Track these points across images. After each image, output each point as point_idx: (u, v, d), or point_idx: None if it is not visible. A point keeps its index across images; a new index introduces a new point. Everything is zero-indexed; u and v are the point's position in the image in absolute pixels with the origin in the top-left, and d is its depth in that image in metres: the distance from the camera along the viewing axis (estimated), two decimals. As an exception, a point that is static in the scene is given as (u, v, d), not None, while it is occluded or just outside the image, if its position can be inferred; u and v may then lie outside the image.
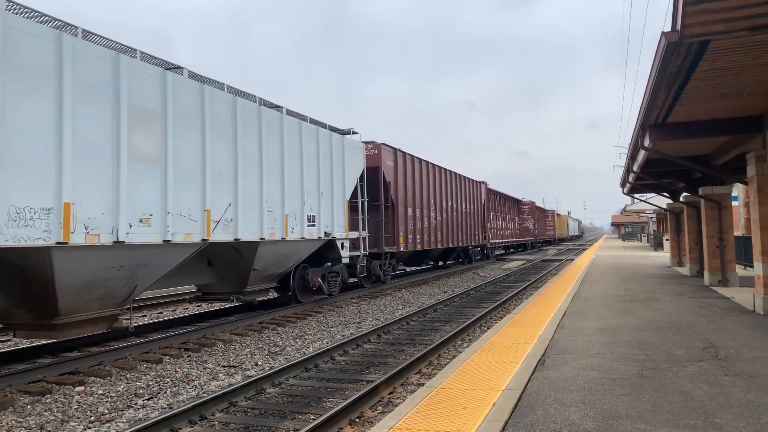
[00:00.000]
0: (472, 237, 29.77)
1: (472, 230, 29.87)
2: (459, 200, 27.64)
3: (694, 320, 9.29)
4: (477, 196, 31.45)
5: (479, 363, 6.63)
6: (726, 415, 4.66)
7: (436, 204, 24.14)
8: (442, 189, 25.04)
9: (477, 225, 30.95)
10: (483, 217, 32.60)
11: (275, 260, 12.83)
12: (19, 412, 6.52)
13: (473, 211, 30.27)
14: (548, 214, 66.12)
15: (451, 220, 26.00)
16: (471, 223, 29.51)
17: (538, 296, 13.10)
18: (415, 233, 21.38)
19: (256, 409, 6.53)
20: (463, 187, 28.52)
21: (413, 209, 21.37)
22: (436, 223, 23.88)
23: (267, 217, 12.07)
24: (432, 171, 23.98)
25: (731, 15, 5.12)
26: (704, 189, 14.77)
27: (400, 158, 20.67)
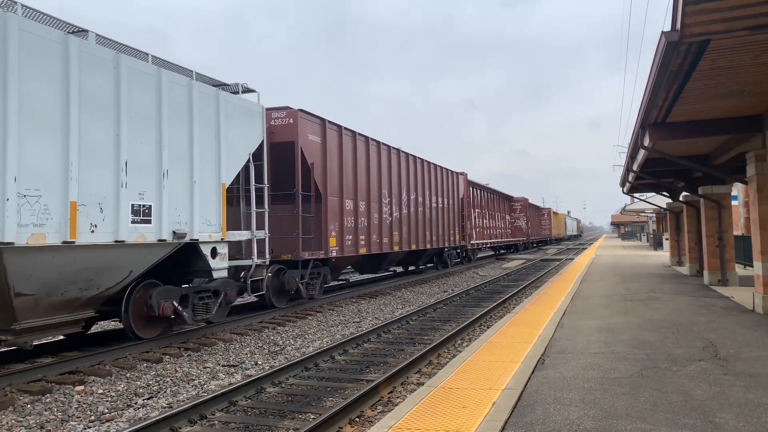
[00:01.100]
0: (447, 237, 25.33)
1: (447, 229, 25.34)
2: (428, 193, 23.00)
3: (693, 319, 9.30)
4: (453, 190, 26.77)
5: (479, 362, 6.64)
6: (726, 414, 4.66)
7: (393, 196, 19.21)
8: (402, 178, 20.14)
9: (453, 223, 26.40)
10: (462, 214, 28.07)
11: (68, 277, 8.01)
12: (19, 412, 6.52)
13: (448, 206, 25.70)
14: (544, 212, 62.78)
15: (416, 216, 21.36)
16: (445, 221, 25.11)
17: (538, 295, 13.11)
18: (357, 233, 16.56)
19: (256, 408, 6.53)
20: (434, 177, 23.94)
21: (354, 202, 16.48)
22: (392, 221, 19.11)
23: (25, 205, 7.31)
24: (387, 155, 19.05)
25: (731, 15, 5.12)
26: (704, 188, 14.78)
27: (332, 133, 15.56)
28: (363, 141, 17.51)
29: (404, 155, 20.67)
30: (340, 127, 16.06)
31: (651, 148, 11.17)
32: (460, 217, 27.71)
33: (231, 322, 11.77)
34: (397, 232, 19.51)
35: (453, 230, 26.44)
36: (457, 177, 27.65)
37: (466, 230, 28.82)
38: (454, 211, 26.61)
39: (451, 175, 26.73)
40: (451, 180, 26.75)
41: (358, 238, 16.70)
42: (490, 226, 36.33)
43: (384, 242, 18.39)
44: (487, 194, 36.42)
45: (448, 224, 25.56)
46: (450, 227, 25.87)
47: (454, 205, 26.68)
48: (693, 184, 15.74)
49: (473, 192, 32.12)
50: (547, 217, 62.98)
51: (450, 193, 26.21)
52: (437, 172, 24.48)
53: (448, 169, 26.35)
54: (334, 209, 15.42)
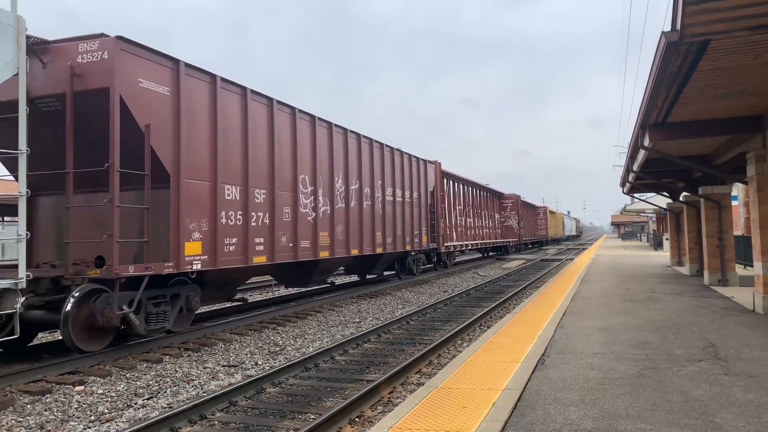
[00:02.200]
0: (410, 238, 20.49)
1: (410, 229, 20.53)
2: (380, 183, 18.05)
3: (693, 320, 9.30)
4: (420, 181, 21.98)
5: (479, 362, 6.64)
6: (726, 414, 4.66)
7: (319, 185, 14.27)
8: (336, 161, 15.21)
9: (420, 221, 21.68)
10: (432, 211, 23.45)
11: None
12: (19, 412, 6.52)
13: (412, 201, 20.91)
14: (539, 211, 58.38)
15: (360, 213, 16.49)
16: (407, 219, 20.34)
17: (538, 296, 13.11)
18: (249, 234, 11.38)
19: (256, 408, 6.53)
20: (389, 164, 18.97)
21: (243, 189, 11.39)
22: (318, 217, 14.14)
23: None
24: (310, 129, 13.98)
25: (731, 15, 5.13)
26: (704, 188, 14.78)
27: (197, 85, 10.39)
28: (263, 105, 12.13)
29: (340, 131, 15.59)
30: (215, 78, 10.65)
31: (651, 149, 11.17)
32: (429, 214, 22.94)
33: (231, 322, 11.77)
34: (326, 233, 14.50)
35: (419, 230, 21.61)
36: (424, 166, 22.71)
37: (439, 230, 24.19)
38: (420, 207, 21.90)
39: (416, 164, 21.71)
40: (417, 169, 21.79)
41: (252, 242, 11.41)
42: (474, 225, 32.18)
43: (303, 246, 13.30)
44: (471, 189, 32.15)
45: (411, 223, 20.71)
46: (415, 226, 21.12)
47: (421, 200, 22.00)
48: (693, 184, 15.74)
49: (451, 186, 27.81)
50: (543, 217, 59.14)
51: (415, 185, 21.40)
52: (395, 157, 19.46)
53: (412, 156, 21.25)
54: (197, 198, 10.15)
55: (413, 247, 21.06)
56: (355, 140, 16.61)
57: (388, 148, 19.10)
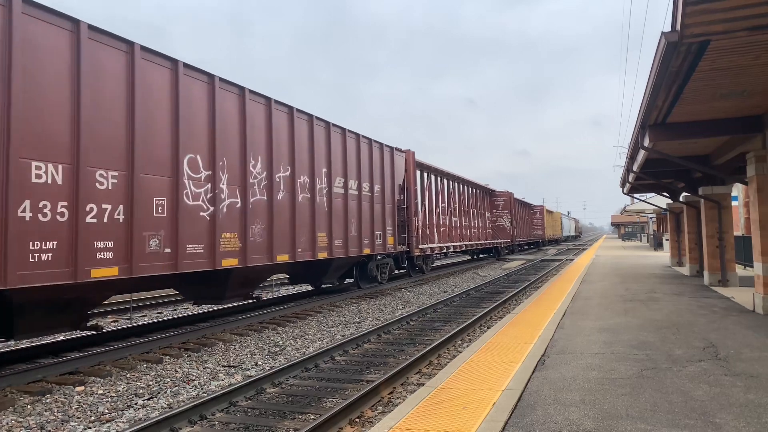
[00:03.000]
0: (370, 240, 17.18)
1: (371, 228, 17.22)
2: (324, 171, 14.73)
3: (693, 320, 9.30)
4: (384, 172, 18.58)
5: (479, 363, 6.64)
6: (726, 415, 4.66)
7: (228, 168, 11.05)
8: (256, 140, 11.91)
9: (384, 220, 18.31)
10: (403, 208, 20.16)
11: None
12: (19, 412, 6.52)
13: (372, 195, 17.58)
14: (536, 210, 55.55)
15: (292, 207, 13.09)
16: (367, 217, 17.04)
17: (538, 296, 13.11)
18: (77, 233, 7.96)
19: (256, 408, 6.53)
20: (341, 149, 15.70)
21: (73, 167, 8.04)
22: (227, 212, 10.93)
23: None
24: (208, 94, 10.62)
25: (731, 15, 5.13)
26: (704, 189, 14.78)
27: None
28: (116, 52, 8.77)
29: (261, 102, 12.21)
30: None
31: (651, 149, 11.17)
32: (398, 212, 19.74)
33: (231, 322, 11.77)
34: (233, 234, 11.01)
35: (382, 230, 18.12)
36: (390, 155, 19.18)
37: (411, 230, 20.82)
38: (384, 203, 18.43)
39: (378, 151, 18.10)
40: (380, 158, 18.24)
41: (88, 247, 8.08)
42: (461, 225, 29.19)
43: (191, 252, 9.93)
44: (457, 185, 29.11)
45: (371, 222, 17.26)
46: (377, 226, 17.66)
47: (385, 194, 18.57)
48: (693, 185, 15.75)
49: (432, 180, 25.00)
50: (540, 216, 56.12)
51: (377, 176, 17.95)
52: (347, 141, 15.92)
53: (374, 141, 17.78)
54: None
55: (374, 250, 17.43)
56: (285, 116, 13.05)
57: (338, 129, 15.55)
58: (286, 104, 13.15)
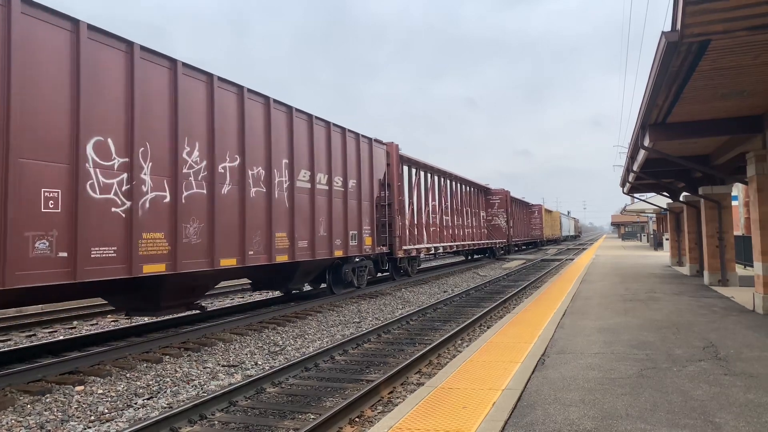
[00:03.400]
0: (344, 241, 15.47)
1: (344, 228, 15.52)
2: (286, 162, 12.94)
3: (693, 320, 9.30)
4: (363, 166, 16.86)
5: (479, 362, 6.64)
6: (726, 414, 4.66)
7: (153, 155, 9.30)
8: (191, 123, 10.08)
9: (361, 218, 16.54)
10: (385, 205, 18.80)
11: None
12: (19, 412, 6.52)
13: (347, 191, 15.80)
14: (534, 210, 54.29)
15: (241, 202, 11.25)
16: (341, 215, 15.36)
17: (538, 296, 13.11)
18: None
19: (256, 408, 6.53)
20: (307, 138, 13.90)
21: None
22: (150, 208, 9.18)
23: None
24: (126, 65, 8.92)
25: (731, 15, 5.13)
26: (704, 189, 14.78)
27: None
28: None
29: (201, 79, 10.34)
30: None
31: (651, 149, 11.17)
32: (378, 210, 18.20)
33: (231, 322, 11.77)
34: (160, 234, 9.26)
35: (358, 230, 16.34)
36: (369, 147, 17.45)
37: (395, 229, 19.29)
38: (361, 199, 16.64)
39: (354, 142, 16.38)
40: (356, 149, 16.49)
41: None
42: (453, 224, 27.82)
43: (98, 256, 8.25)
44: (448, 182, 27.64)
45: (345, 220, 15.53)
46: (351, 225, 15.90)
47: (362, 190, 16.77)
48: (693, 185, 15.75)
49: (418, 175, 23.38)
50: (538, 216, 54.74)
51: (352, 170, 16.19)
52: (314, 130, 14.11)
53: (348, 130, 16.01)
54: None
55: (348, 252, 15.69)
56: (233, 97, 11.17)
57: (303, 116, 13.73)
58: (235, 83, 11.24)
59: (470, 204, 31.77)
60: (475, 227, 32.39)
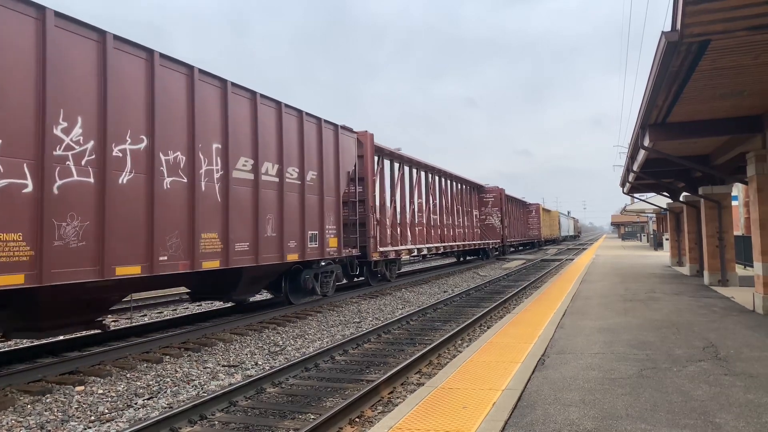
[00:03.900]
0: (300, 242, 13.29)
1: (301, 227, 13.37)
2: (222, 149, 10.93)
3: (693, 320, 9.30)
4: (326, 156, 14.60)
5: (479, 362, 6.64)
6: (726, 414, 4.66)
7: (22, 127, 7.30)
8: (67, 93, 7.89)
9: (323, 216, 14.35)
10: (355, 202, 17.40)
11: None
12: (19, 412, 6.52)
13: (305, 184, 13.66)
14: (531, 209, 52.57)
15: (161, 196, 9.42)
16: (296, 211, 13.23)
17: (538, 296, 13.11)
18: None
19: (256, 408, 6.53)
20: (250, 121, 11.79)
21: None
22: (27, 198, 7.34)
23: None
24: None
25: (731, 15, 5.13)
26: (704, 189, 14.78)
27: None
28: None
29: (92, 38, 8.33)
30: None
31: (651, 149, 11.17)
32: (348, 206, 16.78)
33: (231, 322, 11.77)
34: (15, 234, 7.20)
35: (319, 229, 14.15)
36: (335, 135, 15.17)
37: (369, 229, 17.55)
38: (323, 194, 14.37)
39: (315, 128, 14.26)
40: (316, 137, 14.29)
41: None
42: (441, 223, 26.06)
43: None
44: (436, 178, 25.97)
45: (302, 218, 13.39)
46: (310, 224, 13.71)
47: (324, 183, 14.51)
48: (693, 184, 15.75)
49: (402, 170, 21.75)
50: (536, 215, 53.00)
51: (312, 159, 14.03)
52: (259, 112, 11.87)
53: (306, 113, 13.76)
54: None
55: (305, 255, 13.37)
56: (139, 64, 9.04)
57: (244, 94, 11.54)
58: (142, 46, 9.08)
59: (462, 202, 30.35)
60: (467, 227, 30.90)
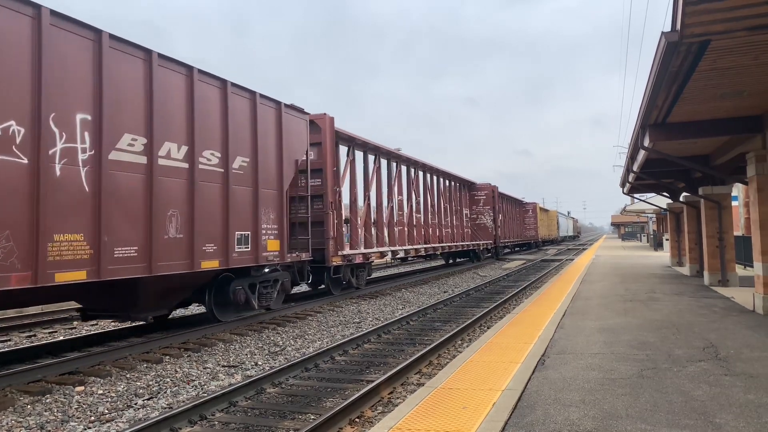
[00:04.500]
0: (223, 246, 10.77)
1: (224, 226, 10.83)
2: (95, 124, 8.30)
3: (693, 320, 9.30)
4: (267, 140, 12.28)
5: (479, 363, 6.63)
6: (726, 415, 4.66)
7: None
8: None
9: (258, 213, 11.80)
10: (306, 197, 14.44)
11: None
12: (19, 412, 6.52)
13: (230, 172, 11.02)
14: (527, 208, 50.71)
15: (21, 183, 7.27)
16: (217, 207, 10.71)
17: (538, 296, 13.11)
18: None
19: (256, 409, 6.53)
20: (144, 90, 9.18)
21: None
22: None
23: None
24: None
25: (731, 15, 5.13)
26: (704, 189, 14.78)
27: None
28: None
29: None
30: None
31: (651, 149, 11.17)
32: (296, 202, 14.67)
33: (231, 323, 11.76)
34: None
35: (255, 229, 11.64)
36: (277, 115, 12.64)
37: (330, 230, 15.47)
38: (259, 185, 11.83)
39: (247, 104, 11.64)
40: (250, 115, 11.71)
41: None
42: (424, 223, 24.14)
43: None
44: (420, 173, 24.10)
45: (227, 215, 10.86)
46: (236, 223, 11.12)
47: (265, 173, 12.09)
48: (693, 185, 15.75)
49: (376, 162, 19.65)
50: (533, 215, 51.14)
51: (243, 143, 11.45)
52: (154, 75, 9.36)
53: (232, 83, 11.15)
54: None
55: (230, 261, 10.82)
56: None
57: (135, 53, 9.08)
58: None
59: (450, 200, 28.32)
60: (455, 227, 28.94)
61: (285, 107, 13.00)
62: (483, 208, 33.47)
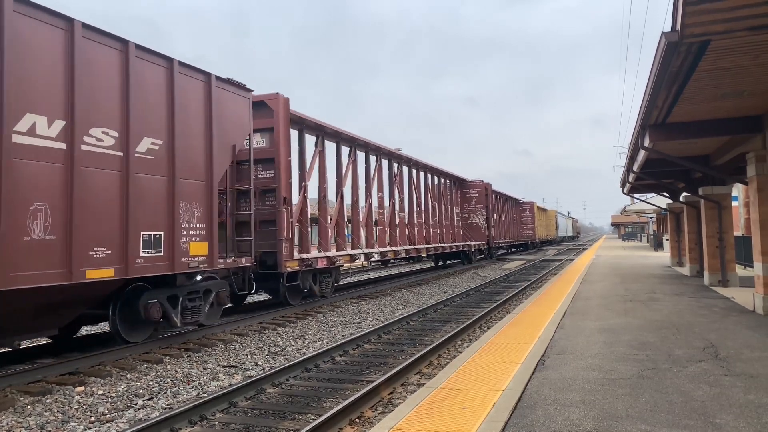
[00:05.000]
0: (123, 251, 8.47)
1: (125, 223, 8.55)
2: None
3: (694, 320, 9.29)
4: (193, 120, 9.99)
5: (479, 363, 6.63)
6: (726, 415, 4.66)
7: None
8: None
9: (182, 209, 9.64)
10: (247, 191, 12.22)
11: None
12: (19, 412, 6.52)
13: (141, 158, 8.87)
14: (525, 207, 49.05)
15: None
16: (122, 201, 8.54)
17: (538, 296, 13.11)
18: None
19: (256, 409, 6.53)
20: None
21: None
22: None
23: None
24: None
25: (731, 15, 5.13)
26: (704, 189, 14.78)
27: None
28: None
29: None
30: None
31: (651, 149, 11.17)
32: (234, 198, 12.57)
33: (231, 323, 11.76)
34: None
35: (170, 229, 9.45)
36: (207, 89, 10.38)
37: (283, 230, 13.41)
38: (179, 175, 9.63)
39: (166, 73, 9.50)
40: (166, 89, 9.49)
41: None
42: (410, 222, 22.58)
43: None
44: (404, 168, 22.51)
45: (126, 211, 8.61)
46: (151, 220, 9.08)
47: (189, 161, 9.94)
48: (693, 185, 15.75)
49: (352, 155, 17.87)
50: (530, 214, 49.41)
51: (156, 122, 9.27)
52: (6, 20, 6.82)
53: (138, 45, 8.89)
54: None
55: (131, 270, 8.64)
56: None
57: None
58: None
59: (439, 198, 26.48)
60: (445, 226, 27.02)
61: (217, 80, 10.62)
62: (475, 206, 31.57)
